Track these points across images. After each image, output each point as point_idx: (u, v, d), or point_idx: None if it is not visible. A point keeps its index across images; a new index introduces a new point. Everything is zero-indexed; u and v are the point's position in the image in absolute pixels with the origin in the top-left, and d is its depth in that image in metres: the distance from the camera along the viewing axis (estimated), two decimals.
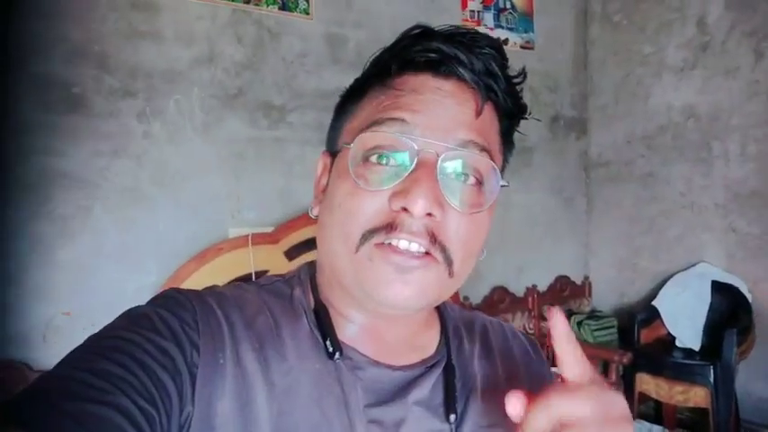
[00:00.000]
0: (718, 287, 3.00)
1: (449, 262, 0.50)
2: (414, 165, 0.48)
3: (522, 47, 3.31)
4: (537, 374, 0.66)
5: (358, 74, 0.58)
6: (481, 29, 3.10)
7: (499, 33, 3.19)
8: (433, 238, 0.49)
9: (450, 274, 0.51)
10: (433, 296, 0.52)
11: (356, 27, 2.61)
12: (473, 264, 0.55)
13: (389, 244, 0.48)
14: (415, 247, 0.49)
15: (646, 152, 3.40)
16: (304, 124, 2.47)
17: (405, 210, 0.48)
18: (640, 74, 3.41)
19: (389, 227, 0.48)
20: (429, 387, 0.55)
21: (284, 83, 2.44)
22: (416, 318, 0.58)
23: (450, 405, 0.55)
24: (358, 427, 0.50)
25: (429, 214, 0.48)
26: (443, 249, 0.50)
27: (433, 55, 0.52)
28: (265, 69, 2.40)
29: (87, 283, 1.99)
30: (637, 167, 3.45)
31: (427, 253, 0.49)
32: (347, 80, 0.60)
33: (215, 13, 2.26)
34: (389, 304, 0.50)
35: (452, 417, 0.54)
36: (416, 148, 0.49)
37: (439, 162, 0.49)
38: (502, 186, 0.53)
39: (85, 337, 0.46)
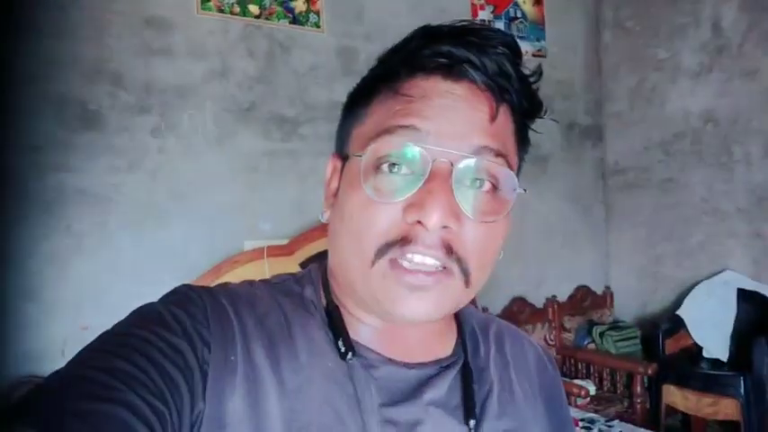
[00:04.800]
0: (744, 295, 2.92)
1: (465, 272, 0.49)
2: (427, 174, 0.47)
3: (534, 55, 3.30)
4: (550, 385, 0.65)
5: None
6: None
7: None
8: (449, 250, 0.47)
9: (467, 284, 0.50)
10: (449, 307, 0.51)
11: (366, 40, 2.63)
12: (491, 270, 0.53)
13: (402, 264, 0.47)
14: (430, 261, 0.47)
15: (664, 158, 3.35)
16: (317, 136, 2.47)
17: (419, 223, 0.46)
18: (655, 79, 3.37)
19: (404, 240, 0.47)
20: (445, 388, 0.54)
21: (296, 95, 2.46)
22: (433, 322, 0.56)
23: (469, 408, 0.53)
24: (372, 427, 0.48)
25: (444, 227, 0.46)
26: (459, 261, 0.48)
27: (442, 60, 0.49)
28: (277, 83, 2.41)
29: (104, 298, 1.99)
30: (655, 174, 3.40)
31: (444, 267, 0.48)
32: None
33: (226, 28, 2.29)
34: (405, 319, 0.49)
35: (472, 422, 0.53)
36: (429, 156, 0.47)
37: (453, 171, 0.47)
38: (518, 192, 0.51)
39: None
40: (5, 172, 1.86)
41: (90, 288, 1.98)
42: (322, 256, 0.60)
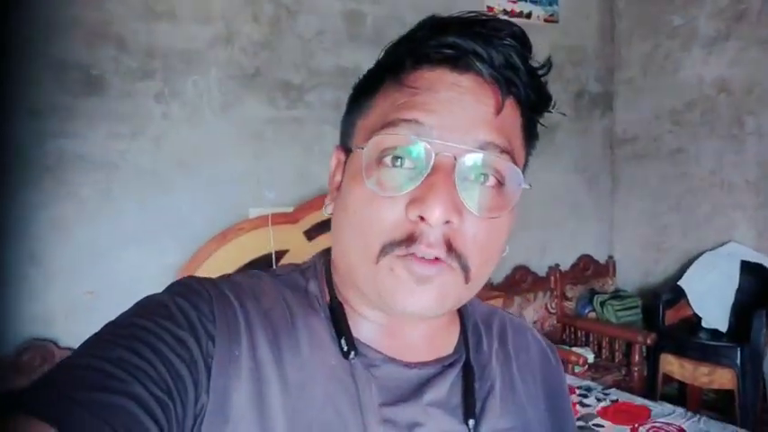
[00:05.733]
0: (747, 267, 2.93)
1: (465, 268, 0.48)
2: (430, 168, 0.46)
3: (545, 20, 3.21)
4: (553, 379, 0.65)
5: (376, 51, 0.56)
6: (503, 2, 3.01)
7: (522, 7, 3.10)
8: (449, 247, 0.47)
9: (467, 280, 0.49)
10: (451, 302, 0.51)
11: (374, 3, 2.55)
12: (493, 266, 0.53)
13: (410, 254, 0.47)
14: (430, 257, 0.47)
15: (674, 128, 3.30)
16: (323, 103, 2.45)
17: (422, 218, 0.46)
18: (669, 46, 3.29)
19: (409, 239, 0.47)
20: (446, 387, 0.54)
21: (302, 61, 2.42)
22: (436, 319, 0.57)
23: (469, 408, 0.53)
24: (372, 426, 0.49)
25: (447, 222, 0.46)
26: (459, 256, 0.48)
27: (448, 51, 0.48)
28: (283, 48, 2.37)
29: (109, 264, 2.01)
30: (664, 144, 3.35)
31: (439, 259, 0.48)
32: (365, 57, 0.57)
33: None
34: (409, 313, 0.49)
35: (471, 422, 0.53)
36: (432, 150, 0.46)
37: (457, 165, 0.46)
38: (523, 188, 0.51)
39: (105, 320, 0.47)
40: (7, 138, 1.85)
41: (95, 254, 1.99)
42: (327, 225, 0.59)
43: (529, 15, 3.14)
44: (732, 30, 3.01)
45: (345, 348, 0.51)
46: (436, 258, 0.47)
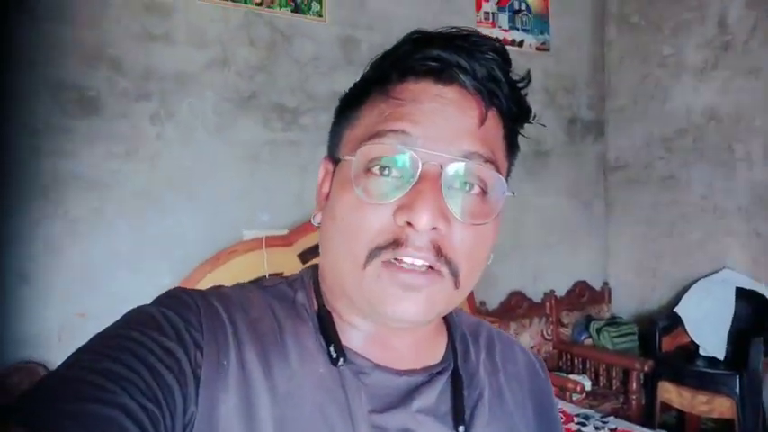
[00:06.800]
0: (742, 294, 2.92)
1: (454, 274, 0.50)
2: (417, 177, 0.48)
3: (537, 48, 3.27)
4: (541, 390, 0.65)
5: None
6: (495, 31, 3.08)
7: (514, 35, 3.16)
8: (438, 252, 0.48)
9: (456, 285, 0.50)
10: (440, 309, 0.52)
11: (369, 29, 2.61)
12: (480, 273, 0.54)
13: (396, 261, 0.48)
14: (419, 262, 0.48)
15: (665, 155, 3.34)
16: (318, 126, 2.46)
17: (409, 224, 0.47)
18: (659, 75, 3.36)
19: (395, 243, 0.48)
20: (435, 395, 0.54)
21: (297, 85, 2.44)
22: (424, 327, 0.57)
23: (459, 415, 0.54)
24: None
25: (434, 228, 0.47)
26: (448, 262, 0.49)
27: (433, 63, 0.50)
28: (278, 72, 2.40)
29: (101, 285, 1.99)
30: (656, 170, 3.39)
31: (431, 267, 0.49)
32: None
33: (227, 16, 2.27)
34: (397, 319, 0.50)
35: (461, 428, 0.53)
36: (419, 159, 0.48)
37: (443, 173, 0.48)
38: (507, 196, 0.52)
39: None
40: (2, 156, 1.84)
41: (87, 275, 1.97)
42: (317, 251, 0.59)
43: (521, 44, 3.20)
44: (720, 59, 3.08)
45: (334, 355, 0.51)
46: (429, 267, 0.48)
